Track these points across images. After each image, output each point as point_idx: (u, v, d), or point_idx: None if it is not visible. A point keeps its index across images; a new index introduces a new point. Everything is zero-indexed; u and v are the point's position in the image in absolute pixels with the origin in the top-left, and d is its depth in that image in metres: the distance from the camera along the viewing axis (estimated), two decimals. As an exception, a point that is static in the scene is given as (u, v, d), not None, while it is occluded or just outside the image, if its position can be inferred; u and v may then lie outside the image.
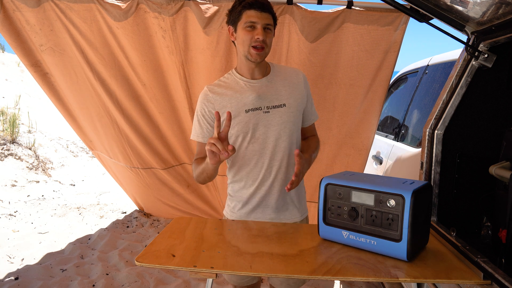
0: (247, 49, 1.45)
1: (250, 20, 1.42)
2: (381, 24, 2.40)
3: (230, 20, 1.51)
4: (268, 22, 1.44)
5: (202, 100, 1.56)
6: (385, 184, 1.22)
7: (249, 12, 1.43)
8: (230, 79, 1.57)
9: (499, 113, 1.63)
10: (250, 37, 1.43)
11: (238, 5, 1.46)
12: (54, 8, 2.47)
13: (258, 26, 1.42)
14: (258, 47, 1.44)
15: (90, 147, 3.56)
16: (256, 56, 1.45)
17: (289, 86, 1.56)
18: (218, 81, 1.60)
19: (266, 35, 1.44)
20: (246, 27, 1.43)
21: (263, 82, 1.54)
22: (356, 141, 2.82)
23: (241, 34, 1.46)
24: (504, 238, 1.39)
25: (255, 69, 1.53)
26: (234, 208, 1.64)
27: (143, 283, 2.71)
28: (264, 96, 1.52)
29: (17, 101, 7.23)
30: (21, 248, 3.19)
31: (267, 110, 1.51)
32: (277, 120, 1.52)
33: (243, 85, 1.54)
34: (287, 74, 1.60)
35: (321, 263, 1.18)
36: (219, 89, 1.55)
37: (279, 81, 1.56)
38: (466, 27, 1.58)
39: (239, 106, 1.50)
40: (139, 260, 1.18)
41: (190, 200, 3.60)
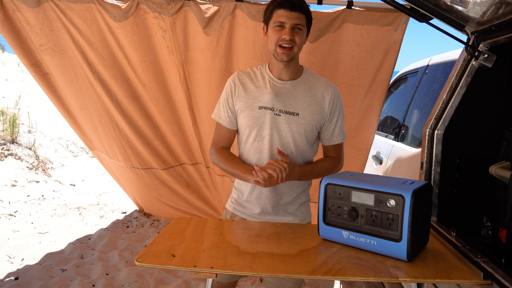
0: (274, 47, 1.45)
1: (279, 20, 1.42)
2: (381, 24, 2.40)
3: (264, 19, 1.51)
4: (298, 22, 1.43)
5: (230, 82, 1.58)
6: (385, 184, 1.22)
7: (279, 12, 1.43)
8: (259, 71, 1.58)
9: (499, 113, 1.63)
10: (277, 37, 1.43)
11: (271, 4, 1.46)
12: (54, 8, 2.47)
13: (287, 25, 1.42)
14: (284, 46, 1.43)
15: (90, 147, 3.56)
16: (282, 55, 1.45)
17: (311, 98, 1.53)
18: (250, 70, 1.61)
19: (295, 34, 1.43)
20: (275, 26, 1.44)
21: (286, 85, 1.53)
22: (356, 141, 2.82)
23: (270, 33, 1.47)
24: (504, 238, 1.39)
25: (283, 70, 1.52)
26: (237, 199, 1.66)
27: (143, 283, 2.71)
28: (281, 99, 1.51)
29: (17, 101, 7.23)
30: (21, 248, 3.19)
31: (279, 113, 1.50)
32: (286, 127, 1.51)
33: (267, 81, 1.54)
34: (316, 86, 1.56)
35: (321, 263, 1.18)
36: (246, 78, 1.56)
37: (303, 89, 1.54)
38: (466, 27, 1.58)
39: (255, 101, 1.52)
40: (139, 260, 1.18)
41: (190, 200, 3.60)
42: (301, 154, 1.56)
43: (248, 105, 1.52)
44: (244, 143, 1.58)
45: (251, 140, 1.54)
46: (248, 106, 1.51)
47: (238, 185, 1.66)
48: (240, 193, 1.65)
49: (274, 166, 1.39)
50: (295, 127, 1.51)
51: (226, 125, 1.58)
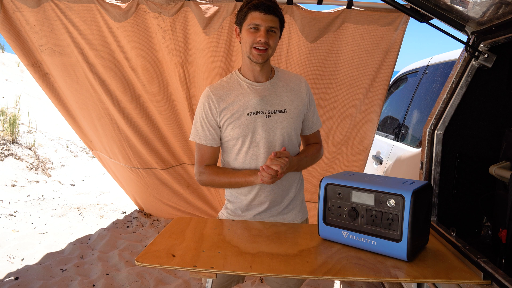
0: (249, 49, 1.45)
1: (254, 22, 1.42)
2: (381, 24, 2.40)
3: (237, 20, 1.51)
4: (273, 24, 1.43)
5: (204, 101, 1.53)
6: (385, 184, 1.22)
7: (254, 14, 1.42)
8: (232, 79, 1.56)
9: (499, 113, 1.63)
10: (252, 39, 1.43)
11: (245, 6, 1.45)
12: (54, 8, 2.47)
13: (262, 28, 1.42)
14: (260, 48, 1.43)
15: (90, 147, 3.56)
16: (258, 56, 1.45)
17: (291, 92, 1.56)
18: (220, 82, 1.58)
19: (269, 37, 1.43)
20: (249, 28, 1.43)
21: (266, 86, 1.54)
22: (356, 141, 2.82)
23: (244, 35, 1.46)
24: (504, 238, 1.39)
25: (259, 72, 1.52)
26: (235, 212, 1.63)
27: (143, 283, 2.71)
28: (266, 100, 1.51)
29: (17, 101, 7.23)
30: (21, 248, 3.19)
31: (268, 115, 1.51)
32: (278, 125, 1.52)
33: (246, 87, 1.53)
34: (290, 80, 1.59)
35: (321, 263, 1.18)
36: (222, 91, 1.53)
37: (282, 86, 1.56)
38: (466, 27, 1.59)
39: (241, 109, 1.50)
40: (139, 260, 1.18)
41: (190, 200, 3.60)
42: (293, 148, 1.59)
43: (235, 116, 1.50)
44: (236, 154, 1.55)
45: (246, 148, 1.53)
46: (235, 116, 1.50)
47: (233, 197, 1.63)
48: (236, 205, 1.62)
49: (278, 162, 1.39)
50: (286, 124, 1.53)
51: (208, 144, 1.55)
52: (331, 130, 2.76)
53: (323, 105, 2.67)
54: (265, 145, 1.51)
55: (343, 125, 2.75)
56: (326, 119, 2.72)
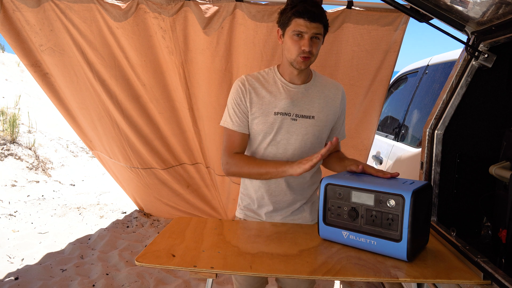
0: (293, 57, 1.42)
1: (299, 30, 1.38)
2: (381, 24, 2.40)
3: (279, 22, 1.45)
4: (317, 31, 1.39)
5: (238, 88, 1.51)
6: (385, 184, 1.22)
7: (298, 21, 1.37)
8: (269, 75, 1.54)
9: (499, 113, 1.63)
10: (297, 47, 1.40)
11: (289, 10, 1.40)
12: (54, 8, 2.47)
13: (306, 36, 1.38)
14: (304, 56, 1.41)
15: (90, 147, 3.56)
16: (301, 64, 1.42)
17: (325, 99, 1.54)
18: (257, 74, 1.56)
19: (313, 44, 1.40)
20: (293, 35, 1.39)
21: (300, 89, 1.52)
22: (356, 141, 2.82)
23: (288, 41, 1.42)
24: (504, 238, 1.39)
25: (296, 75, 1.51)
26: (246, 206, 1.64)
27: (143, 283, 2.71)
28: (296, 104, 1.50)
29: (17, 101, 7.23)
30: (21, 248, 3.19)
31: (295, 118, 1.49)
32: (302, 130, 1.50)
33: (280, 86, 1.51)
34: (327, 87, 1.57)
35: (321, 263, 1.18)
36: (257, 83, 1.52)
37: (316, 92, 1.54)
38: (466, 27, 1.59)
39: (270, 107, 1.49)
40: (139, 260, 1.18)
41: (190, 200, 3.60)
42: None
43: (262, 111, 1.49)
44: (256, 148, 1.55)
45: (265, 145, 1.52)
46: (263, 112, 1.48)
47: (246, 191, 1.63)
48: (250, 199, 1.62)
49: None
50: (311, 130, 1.51)
51: (238, 129, 1.51)
52: (331, 130, 2.76)
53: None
54: (284, 146, 1.51)
55: (343, 125, 2.75)
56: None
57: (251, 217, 1.63)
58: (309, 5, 1.38)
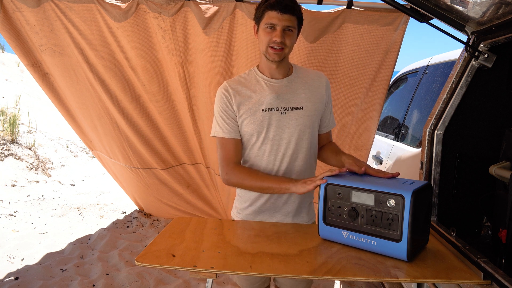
0: (265, 48, 1.45)
1: (271, 22, 1.41)
2: (381, 24, 2.40)
3: (255, 17, 1.49)
4: (289, 24, 1.41)
5: (221, 95, 1.52)
6: (385, 184, 1.22)
7: (270, 13, 1.40)
8: (250, 76, 1.56)
9: (499, 113, 1.63)
10: (269, 38, 1.42)
11: (262, 4, 1.44)
12: (54, 8, 2.47)
13: (278, 27, 1.40)
14: (275, 48, 1.43)
15: (90, 147, 3.56)
16: (274, 55, 1.44)
17: (309, 89, 1.55)
18: (238, 77, 1.58)
19: (286, 36, 1.42)
20: (266, 27, 1.42)
21: (283, 83, 1.53)
22: (356, 141, 2.82)
23: (261, 34, 1.45)
24: (504, 238, 1.39)
25: (276, 70, 1.52)
26: (242, 210, 1.63)
27: (143, 283, 2.71)
28: (282, 97, 1.50)
29: (17, 101, 7.23)
30: (21, 248, 3.19)
31: (284, 112, 1.50)
32: (293, 122, 1.50)
33: (262, 83, 1.52)
34: (310, 77, 1.58)
35: (321, 263, 1.18)
36: (238, 86, 1.53)
37: (300, 83, 1.55)
38: (466, 27, 1.59)
39: (257, 105, 1.49)
40: (139, 260, 1.18)
41: (190, 200, 3.60)
42: (311, 146, 1.57)
43: (250, 111, 1.49)
44: (249, 149, 1.55)
45: (259, 144, 1.52)
46: (251, 111, 1.49)
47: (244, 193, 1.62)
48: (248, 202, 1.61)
49: None
50: (302, 121, 1.51)
51: (230, 136, 1.51)
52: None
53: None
54: (277, 141, 1.51)
55: (343, 125, 2.75)
56: (326, 119, 2.71)
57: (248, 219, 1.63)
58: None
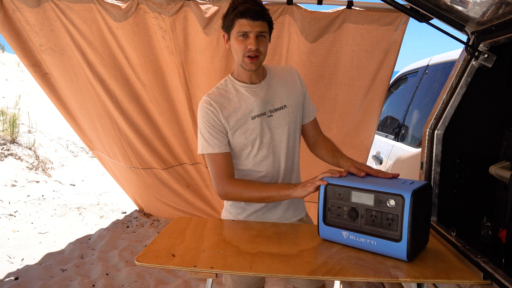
0: (241, 58, 1.43)
1: (243, 30, 1.38)
2: (381, 24, 2.40)
3: (224, 26, 1.46)
4: (262, 29, 1.40)
5: (206, 110, 1.47)
6: (385, 184, 1.22)
7: (241, 21, 1.38)
8: (229, 86, 1.53)
9: (499, 113, 1.63)
10: (243, 47, 1.40)
11: (231, 13, 1.40)
12: (54, 8, 2.47)
13: (251, 35, 1.38)
14: (252, 56, 1.41)
15: (90, 147, 3.56)
16: (251, 65, 1.43)
17: (287, 86, 1.56)
18: (216, 90, 1.53)
19: (259, 43, 1.40)
20: (238, 36, 1.40)
21: (262, 86, 1.53)
22: (356, 141, 2.82)
23: (234, 43, 1.43)
24: (504, 238, 1.39)
25: (253, 75, 1.51)
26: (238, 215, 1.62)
27: (143, 283, 2.71)
28: (267, 100, 1.51)
29: (17, 101, 7.23)
30: (21, 248, 3.19)
31: (271, 114, 1.51)
32: (280, 123, 1.52)
33: (244, 91, 1.51)
34: (282, 74, 1.59)
35: (321, 263, 1.18)
36: (221, 99, 1.49)
37: (277, 82, 1.56)
38: (466, 27, 1.59)
39: (245, 114, 1.48)
40: (139, 260, 1.18)
41: (190, 200, 3.60)
42: (296, 143, 1.59)
43: (240, 122, 1.48)
44: (245, 159, 1.53)
45: (255, 152, 1.51)
46: (240, 122, 1.48)
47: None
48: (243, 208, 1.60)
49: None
50: (288, 119, 1.53)
51: (220, 150, 1.47)
52: (331, 130, 2.76)
53: (323, 105, 2.67)
54: (271, 144, 1.52)
55: (343, 125, 2.75)
56: (326, 119, 2.71)
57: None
58: (250, 4, 1.38)
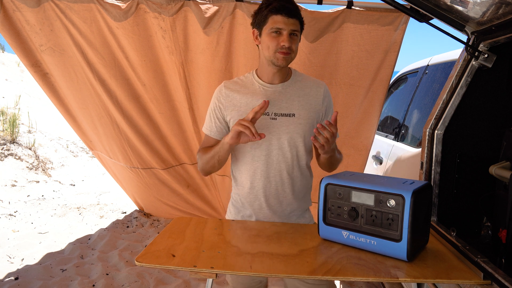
0: (272, 54, 1.40)
1: (277, 26, 1.37)
2: (381, 24, 2.40)
3: (255, 23, 1.44)
4: (295, 28, 1.39)
5: (215, 94, 1.55)
6: (385, 184, 1.22)
7: (275, 17, 1.37)
8: (248, 78, 1.55)
9: (499, 113, 1.63)
10: (276, 43, 1.38)
11: (265, 9, 1.39)
12: (54, 8, 2.47)
13: (285, 32, 1.37)
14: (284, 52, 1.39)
15: (90, 147, 3.56)
16: (283, 60, 1.41)
17: (305, 97, 1.52)
18: (236, 78, 1.58)
19: (292, 41, 1.39)
20: (271, 32, 1.38)
21: (277, 88, 1.50)
22: (356, 141, 2.82)
23: (266, 39, 1.40)
24: (504, 238, 1.39)
25: (276, 74, 1.49)
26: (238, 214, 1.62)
27: (143, 283, 2.71)
28: (274, 102, 1.48)
29: (17, 101, 7.23)
30: (21, 248, 3.19)
31: (274, 117, 1.48)
32: (284, 129, 1.48)
33: (257, 87, 1.51)
34: (307, 85, 1.54)
35: (321, 263, 1.18)
36: (234, 86, 1.53)
37: (295, 90, 1.52)
38: (466, 27, 1.59)
39: (247, 108, 1.47)
40: (139, 260, 1.18)
41: (190, 200, 3.60)
42: (299, 158, 1.53)
43: (239, 114, 1.48)
44: (240, 152, 1.54)
45: (248, 148, 1.50)
46: (240, 114, 1.48)
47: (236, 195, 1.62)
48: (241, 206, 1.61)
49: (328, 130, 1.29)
50: (293, 129, 1.48)
51: (213, 135, 1.55)
52: (331, 130, 2.76)
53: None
54: (267, 147, 1.49)
55: (343, 125, 2.75)
56: (326, 119, 2.71)
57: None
58: (285, 1, 1.38)
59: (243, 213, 1.61)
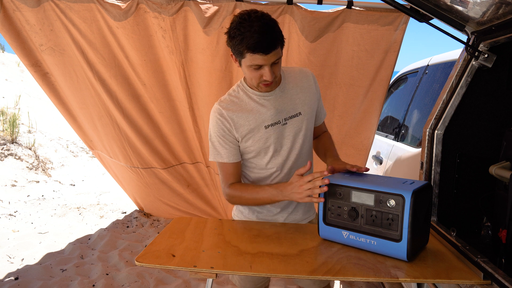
0: (256, 84, 1.38)
1: (256, 63, 1.30)
2: (381, 24, 2.40)
3: (232, 49, 1.34)
4: (275, 58, 1.30)
5: (217, 119, 1.45)
6: (385, 184, 1.22)
7: (253, 56, 1.27)
8: (241, 94, 1.48)
9: (499, 113, 1.63)
10: (258, 76, 1.34)
11: (240, 42, 1.27)
12: (54, 8, 2.47)
13: (266, 67, 1.31)
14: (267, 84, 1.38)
15: (90, 146, 3.56)
16: (267, 88, 1.41)
17: (302, 92, 1.51)
18: (228, 97, 1.48)
19: (274, 69, 1.33)
20: (251, 66, 1.31)
21: (277, 94, 1.47)
22: (356, 141, 2.82)
23: (246, 71, 1.35)
24: (504, 238, 1.39)
25: None
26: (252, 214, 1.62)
27: (143, 283, 2.71)
28: (281, 109, 1.47)
29: (17, 101, 7.23)
30: (21, 248, 3.19)
31: (285, 122, 1.48)
32: (294, 130, 1.49)
33: (257, 100, 1.46)
34: (299, 78, 1.53)
35: (321, 263, 1.18)
36: (234, 107, 1.45)
37: (292, 88, 1.50)
38: (466, 27, 1.59)
39: (258, 123, 1.45)
40: (139, 260, 1.18)
41: (190, 200, 3.60)
42: (310, 148, 1.60)
43: (253, 131, 1.45)
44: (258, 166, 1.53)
45: (267, 159, 1.50)
46: (253, 132, 1.45)
47: None
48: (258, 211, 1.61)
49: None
50: (302, 126, 1.50)
51: (229, 160, 1.48)
52: (331, 130, 2.75)
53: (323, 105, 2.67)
54: (286, 152, 1.50)
55: (343, 125, 2.75)
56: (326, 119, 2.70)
57: None
58: (259, 33, 1.24)
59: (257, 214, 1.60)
